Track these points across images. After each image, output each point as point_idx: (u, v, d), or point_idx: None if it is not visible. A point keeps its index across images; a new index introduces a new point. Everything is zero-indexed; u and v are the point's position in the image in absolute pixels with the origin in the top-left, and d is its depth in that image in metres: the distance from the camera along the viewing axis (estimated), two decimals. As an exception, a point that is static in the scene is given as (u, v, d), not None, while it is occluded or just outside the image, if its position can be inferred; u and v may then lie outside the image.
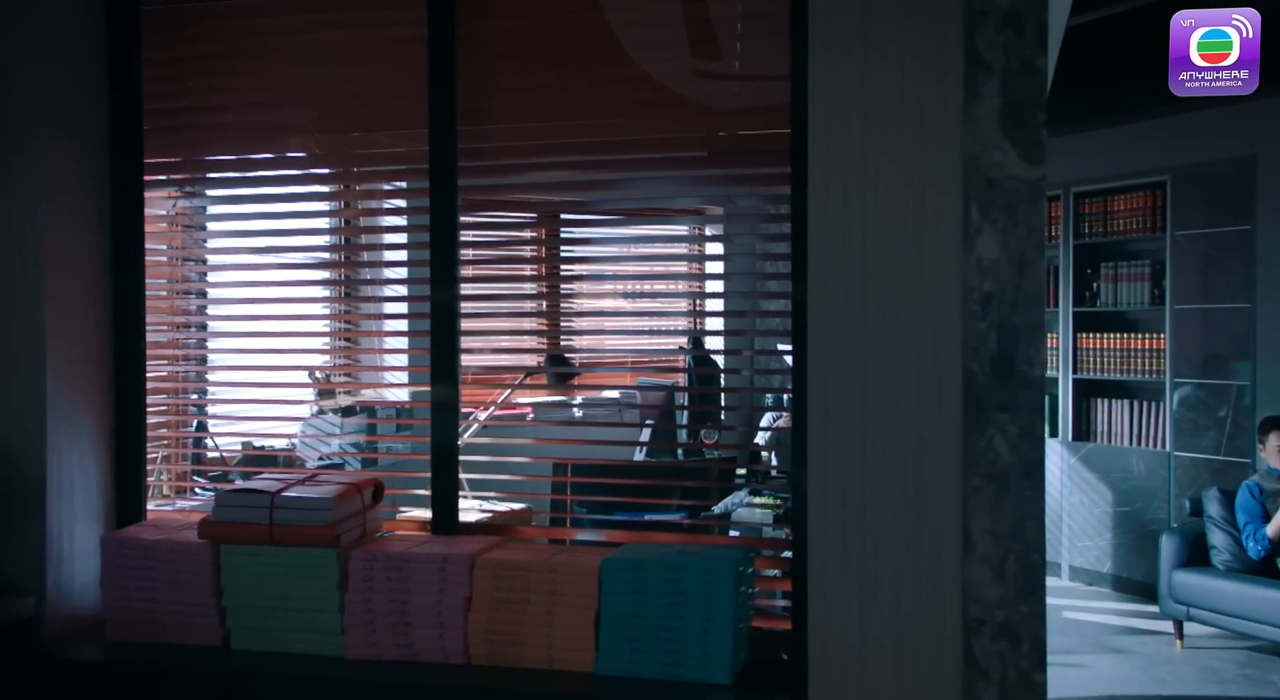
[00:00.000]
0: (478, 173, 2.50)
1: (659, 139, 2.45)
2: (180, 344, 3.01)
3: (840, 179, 2.07)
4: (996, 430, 2.01)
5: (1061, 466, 6.26)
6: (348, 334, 4.43)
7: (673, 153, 2.46)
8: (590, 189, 2.53)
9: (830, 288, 2.08)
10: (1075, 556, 6.19)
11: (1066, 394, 6.25)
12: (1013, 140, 2.00)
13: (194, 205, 2.93)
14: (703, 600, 2.14)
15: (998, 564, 2.01)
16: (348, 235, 2.92)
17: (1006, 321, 2.00)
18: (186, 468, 3.26)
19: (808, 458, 2.09)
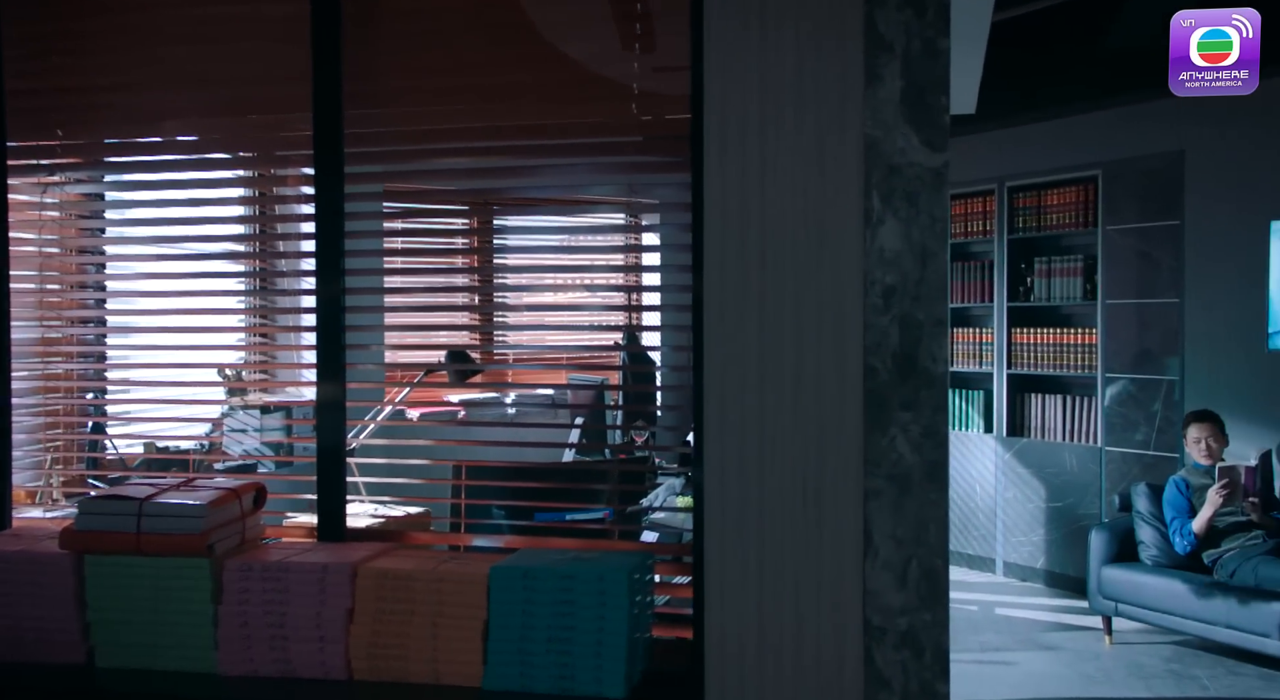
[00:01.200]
0: (366, 159, 2.35)
1: (560, 125, 2.33)
2: (75, 340, 2.84)
3: (737, 165, 1.97)
4: (899, 429, 1.92)
5: (996, 462, 6.25)
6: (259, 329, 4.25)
7: (575, 139, 2.34)
8: (489, 177, 2.40)
9: (726, 280, 1.98)
10: (1009, 552, 6.19)
11: (1001, 389, 6.24)
12: (915, 125, 1.91)
13: (66, 192, 2.75)
14: (596, 610, 2.02)
15: (900, 570, 1.92)
16: (239, 225, 2.76)
17: (909, 316, 1.92)
18: (82, 472, 3.08)
19: (704, 458, 2.00)
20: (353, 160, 2.33)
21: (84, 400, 3.03)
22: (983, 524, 6.32)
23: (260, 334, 3.92)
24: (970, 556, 6.40)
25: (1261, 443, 4.99)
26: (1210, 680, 4.38)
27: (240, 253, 3.14)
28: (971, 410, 6.47)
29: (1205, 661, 4.60)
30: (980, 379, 6.44)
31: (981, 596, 5.80)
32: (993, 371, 6.28)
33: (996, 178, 6.25)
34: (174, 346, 2.74)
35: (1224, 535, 4.67)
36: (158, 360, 2.81)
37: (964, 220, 6.50)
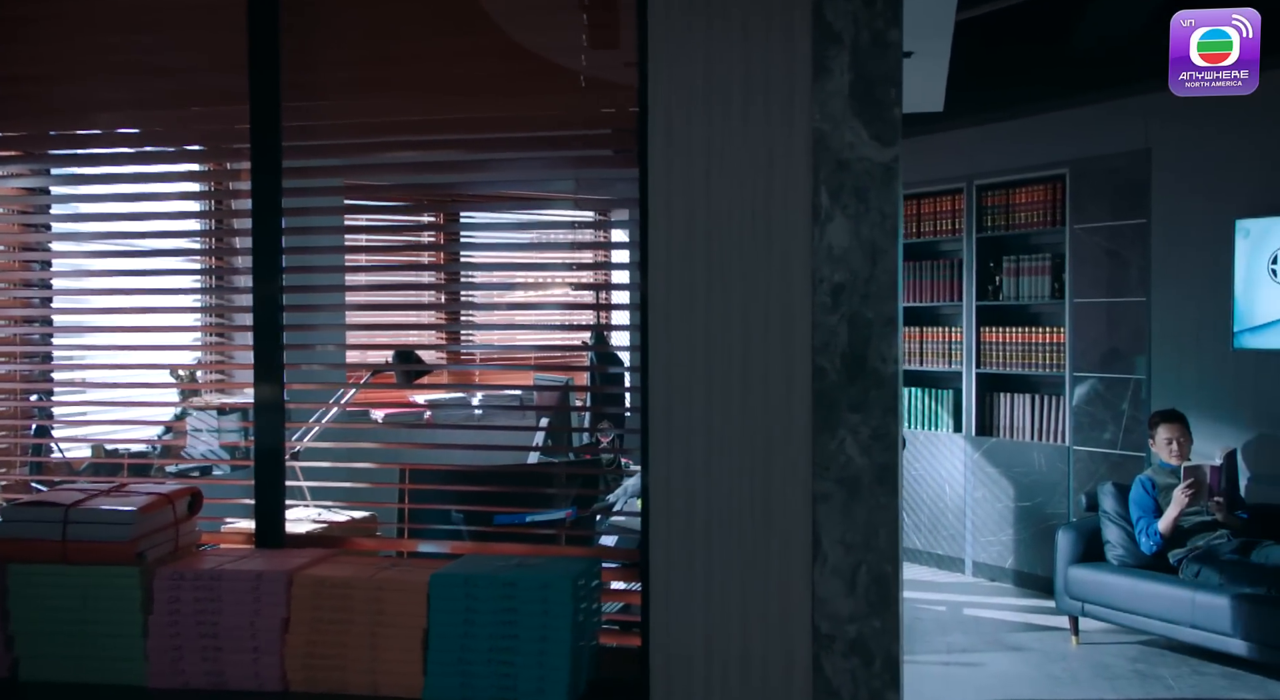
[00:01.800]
0: (307, 153, 2.28)
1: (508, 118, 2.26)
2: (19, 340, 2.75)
3: (683, 160, 1.91)
4: (848, 431, 1.87)
5: (965, 461, 6.23)
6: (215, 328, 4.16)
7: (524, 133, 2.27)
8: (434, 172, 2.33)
9: (672, 277, 1.92)
10: (978, 552, 6.17)
11: (970, 389, 6.22)
12: (864, 119, 1.86)
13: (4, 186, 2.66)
14: (538, 618, 1.96)
15: (849, 576, 1.87)
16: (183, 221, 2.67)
17: (858, 314, 1.87)
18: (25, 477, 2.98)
19: (649, 461, 1.94)
20: (292, 154, 2.25)
21: (28, 403, 2.94)
22: (952, 524, 6.30)
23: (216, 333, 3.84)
24: (939, 556, 6.38)
25: (1227, 442, 4.98)
26: (1175, 680, 4.37)
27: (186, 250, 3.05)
28: (941, 410, 6.45)
29: (1170, 661, 4.59)
30: (949, 378, 6.42)
31: (950, 597, 5.78)
32: (962, 371, 6.26)
33: (965, 176, 6.22)
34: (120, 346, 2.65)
35: (1189, 535, 4.66)
36: (104, 360, 2.73)
37: (933, 219, 6.47)
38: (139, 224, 2.47)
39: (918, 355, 6.59)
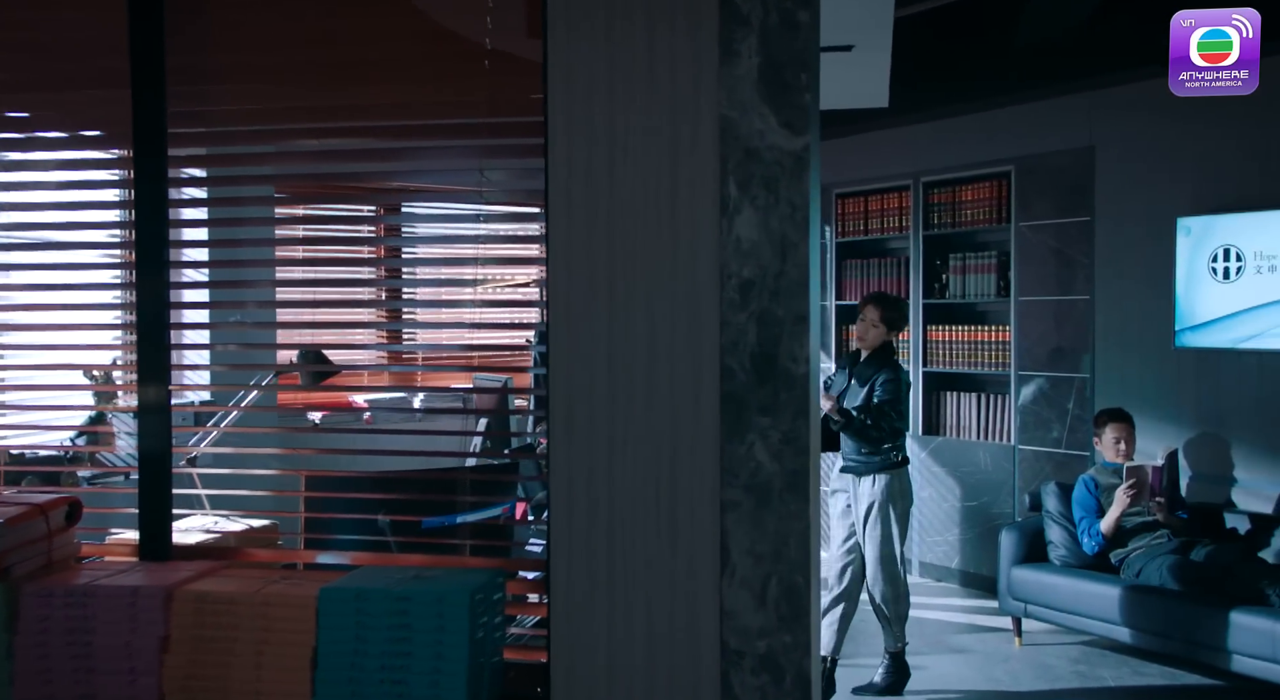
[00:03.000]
0: (193, 141, 2.14)
1: (408, 105, 2.14)
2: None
3: (584, 148, 1.80)
4: (757, 436, 1.77)
5: (912, 461, 6.17)
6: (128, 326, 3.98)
7: (423, 120, 2.15)
8: (329, 161, 2.21)
9: (573, 272, 1.81)
10: (925, 552, 6.12)
11: (917, 387, 6.17)
12: (773, 106, 1.76)
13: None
14: (434, 635, 1.85)
15: (759, 588, 1.78)
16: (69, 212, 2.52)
17: (768, 312, 1.77)
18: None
19: (551, 466, 1.83)
20: (179, 142, 2.12)
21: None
22: (899, 523, 6.25)
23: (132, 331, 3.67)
24: (887, 556, 6.32)
25: (1168, 441, 4.96)
26: (1115, 681, 4.33)
27: (85, 243, 2.89)
28: (888, 408, 6.39)
29: (1111, 662, 4.56)
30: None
31: (896, 597, 5.71)
32: (909, 369, 6.21)
33: (912, 173, 6.18)
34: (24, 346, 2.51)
35: (1131, 535, 4.63)
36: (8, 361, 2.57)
37: (880, 216, 6.42)
38: (31, 215, 2.33)
39: (865, 354, 6.52)
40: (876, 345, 4.49)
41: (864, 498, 4.38)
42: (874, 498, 4.35)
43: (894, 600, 4.36)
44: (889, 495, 4.35)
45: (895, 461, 4.39)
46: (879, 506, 4.35)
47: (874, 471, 4.36)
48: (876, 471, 4.36)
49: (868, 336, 4.50)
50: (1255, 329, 4.63)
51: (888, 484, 4.35)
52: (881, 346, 4.50)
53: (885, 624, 4.38)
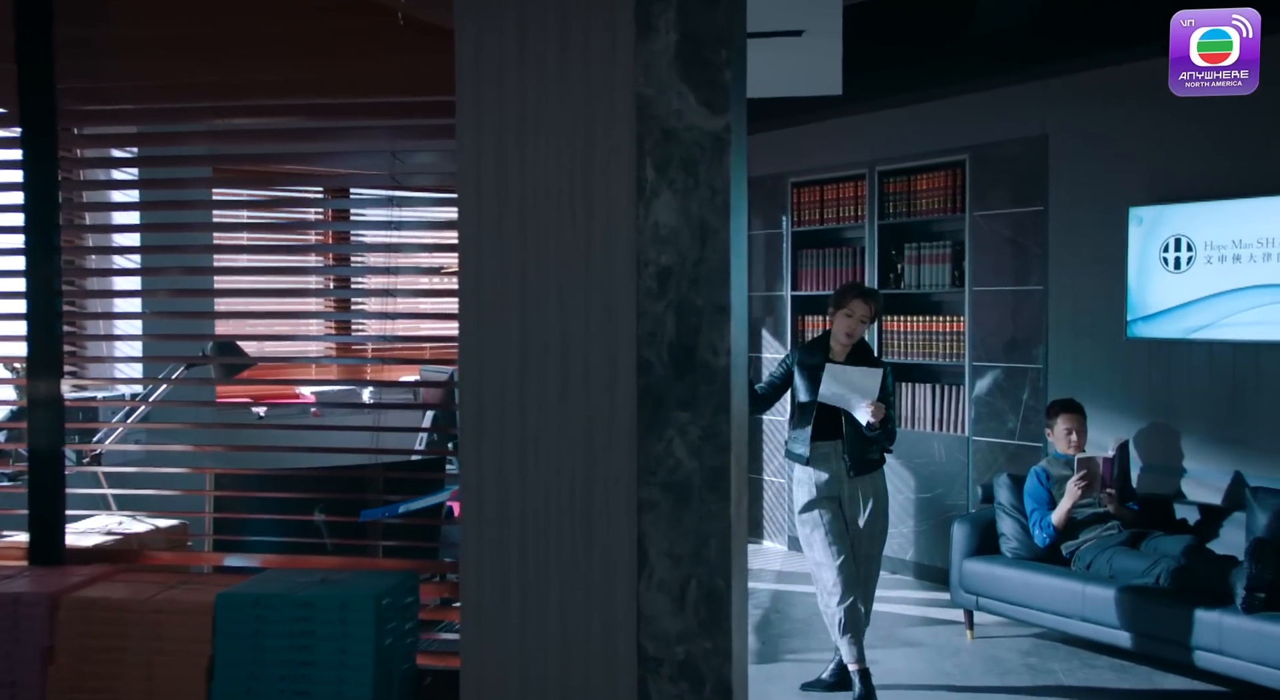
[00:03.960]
0: (85, 118, 2.02)
1: (316, 82, 2.03)
2: None
3: (494, 128, 1.70)
4: (676, 432, 1.68)
5: (867, 452, 6.14)
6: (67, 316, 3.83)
7: (332, 99, 2.04)
8: (230, 142, 2.09)
9: (483, 260, 1.72)
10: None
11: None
12: (692, 83, 1.67)
13: None
14: (337, 642, 1.76)
15: (677, 591, 1.69)
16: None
17: (687, 301, 1.68)
18: None
19: (461, 464, 1.74)
20: (69, 119, 1.99)
21: None
22: (854, 515, 6.21)
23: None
24: (842, 548, 6.28)
25: (1120, 432, 4.95)
26: (1065, 674, 4.31)
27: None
28: (843, 400, 6.34)
29: (1062, 654, 4.54)
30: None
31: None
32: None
33: (868, 162, 6.12)
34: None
35: (1082, 527, 4.61)
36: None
37: (836, 205, 6.36)
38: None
39: (821, 344, 6.47)
40: (856, 342, 4.25)
41: (866, 497, 4.18)
42: (878, 497, 4.20)
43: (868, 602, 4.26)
44: (884, 491, 4.27)
45: (886, 453, 4.29)
46: (884, 506, 4.24)
47: (874, 470, 4.21)
48: (876, 470, 4.22)
49: (856, 334, 4.21)
50: (1206, 319, 4.61)
51: (886, 481, 4.27)
52: (861, 343, 4.29)
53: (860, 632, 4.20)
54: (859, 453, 4.11)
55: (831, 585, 4.09)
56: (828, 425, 4.14)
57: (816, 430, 4.14)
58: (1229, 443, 4.69)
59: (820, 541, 4.13)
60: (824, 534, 4.12)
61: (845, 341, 4.19)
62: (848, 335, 4.17)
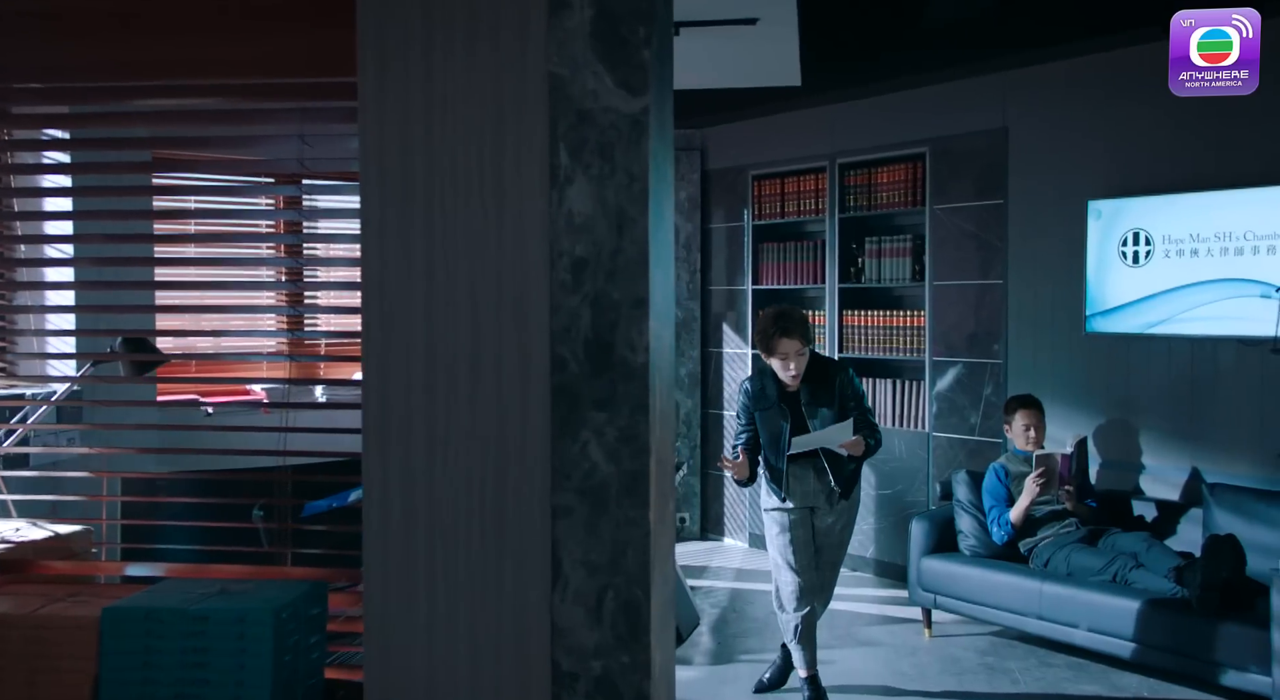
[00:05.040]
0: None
1: (218, 61, 1.90)
2: None
3: (398, 109, 1.60)
4: (592, 433, 1.59)
5: (827, 448, 6.07)
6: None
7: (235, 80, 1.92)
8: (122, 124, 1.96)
9: (387, 250, 1.61)
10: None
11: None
12: (608, 63, 1.57)
13: None
14: (234, 657, 1.65)
15: (593, 603, 1.60)
16: None
17: (603, 295, 1.58)
18: None
19: (365, 468, 1.63)
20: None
21: None
22: (814, 512, 6.14)
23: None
24: (802, 545, 6.22)
25: (1078, 429, 4.90)
26: (1022, 673, 4.26)
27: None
28: (804, 395, 6.27)
29: (1019, 653, 4.49)
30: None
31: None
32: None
33: (828, 154, 6.04)
34: None
35: (1040, 524, 4.56)
36: None
37: (797, 199, 6.28)
38: None
39: (782, 339, 6.40)
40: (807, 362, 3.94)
41: (840, 513, 4.00)
42: (850, 512, 4.05)
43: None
44: (859, 501, 4.11)
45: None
46: (854, 516, 4.09)
47: (851, 486, 4.00)
48: (851, 486, 4.00)
49: (799, 366, 3.87)
50: (1164, 314, 4.57)
51: (859, 489, 4.09)
52: (813, 359, 3.96)
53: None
54: (839, 474, 3.92)
55: (790, 591, 3.95)
56: (803, 456, 3.93)
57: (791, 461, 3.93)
58: (1187, 439, 4.65)
59: (784, 546, 3.96)
60: (789, 539, 3.94)
61: (793, 381, 3.91)
62: (794, 378, 3.89)
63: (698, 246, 6.76)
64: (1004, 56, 5.08)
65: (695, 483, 6.80)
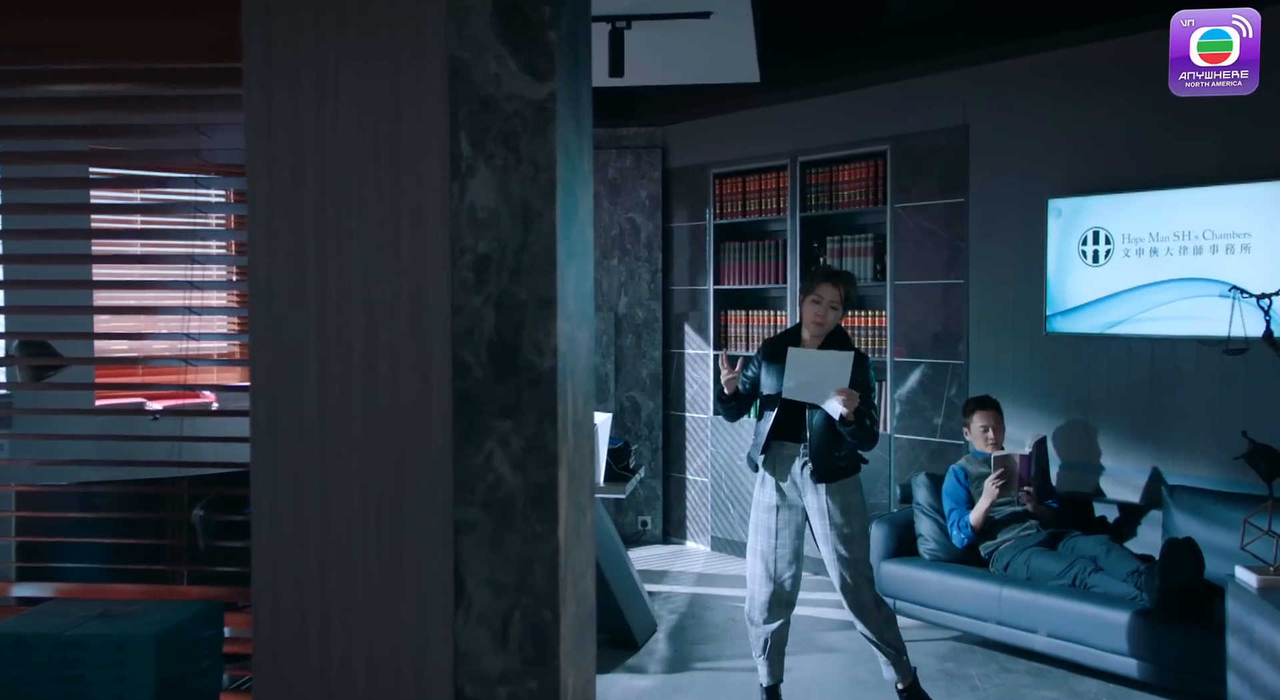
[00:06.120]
0: None
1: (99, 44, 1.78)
2: None
3: (286, 94, 1.48)
4: (496, 443, 1.48)
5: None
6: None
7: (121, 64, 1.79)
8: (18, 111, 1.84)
9: (276, 247, 1.49)
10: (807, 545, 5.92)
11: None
12: (512, 46, 1.46)
13: None
14: (111, 687, 1.53)
15: (499, 625, 1.49)
16: None
17: (509, 294, 1.47)
18: None
19: (252, 481, 1.51)
20: None
21: None
22: (776, 515, 6.06)
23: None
24: (765, 549, 6.13)
25: (1039, 429, 4.84)
26: (981, 679, 4.18)
27: None
28: (766, 396, 6.19)
29: (979, 658, 4.42)
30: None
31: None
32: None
33: (789, 152, 5.96)
34: None
35: (1000, 526, 4.50)
36: None
37: (759, 197, 6.20)
38: None
39: (744, 340, 6.32)
40: (831, 330, 3.78)
41: (834, 510, 3.70)
42: (848, 508, 3.73)
43: (887, 624, 3.79)
44: (861, 503, 3.79)
45: (861, 463, 3.80)
46: (856, 517, 3.74)
47: (845, 477, 3.73)
48: (846, 476, 3.74)
49: (827, 320, 3.73)
50: (1124, 314, 4.51)
51: (857, 490, 3.78)
52: (837, 331, 3.80)
53: (889, 656, 3.81)
54: (825, 454, 3.67)
55: (762, 601, 3.79)
56: (790, 423, 3.71)
57: (776, 427, 3.71)
58: (1147, 439, 4.60)
59: (763, 554, 3.79)
60: (771, 547, 3.77)
61: (815, 330, 3.75)
62: (817, 323, 3.74)
63: (659, 246, 6.66)
64: (964, 53, 5.01)
65: (657, 486, 6.70)
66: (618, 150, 6.65)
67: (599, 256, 6.67)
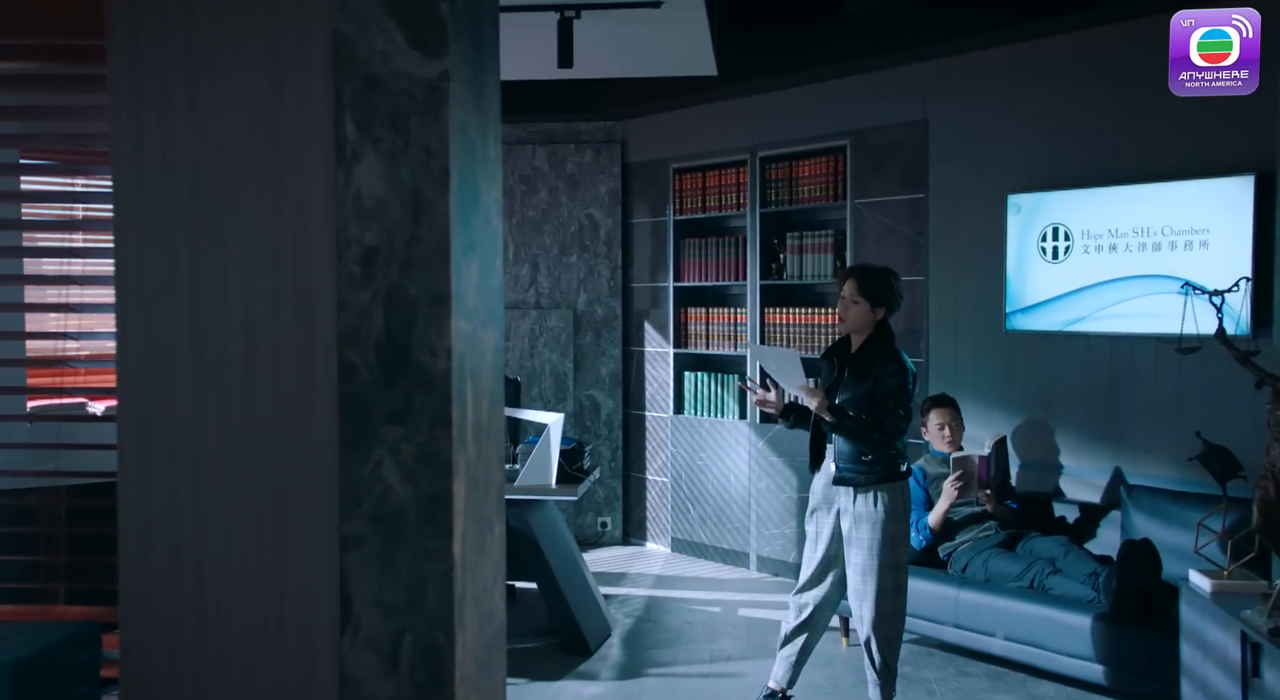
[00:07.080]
0: None
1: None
2: None
3: (156, 74, 1.36)
4: (385, 451, 1.37)
5: (749, 450, 5.91)
6: None
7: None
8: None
9: (145, 242, 1.38)
10: (762, 545, 5.86)
11: (756, 373, 5.88)
12: (401, 20, 1.35)
13: None
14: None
15: (388, 648, 1.37)
16: None
17: (399, 290, 1.36)
18: None
19: (119, 497, 1.39)
20: None
21: None
22: (737, 516, 5.97)
23: None
24: (725, 551, 6.04)
25: (998, 428, 4.78)
26: (938, 683, 4.11)
27: None
28: (726, 395, 6.10)
29: (937, 662, 4.34)
30: (735, 362, 6.08)
31: (729, 596, 5.44)
32: (746, 354, 5.92)
33: (749, 147, 5.86)
34: None
35: (959, 527, 4.43)
36: None
37: (719, 193, 6.10)
38: None
39: (704, 338, 6.22)
40: (862, 327, 3.67)
41: (863, 518, 3.55)
42: (877, 518, 3.53)
43: (891, 641, 3.60)
44: (895, 514, 3.56)
45: (901, 472, 3.59)
46: (884, 528, 3.53)
47: (875, 484, 3.54)
48: (878, 484, 3.54)
49: (848, 316, 3.66)
50: (1083, 311, 4.45)
51: (891, 500, 3.55)
52: (877, 331, 3.68)
53: (879, 675, 3.61)
54: (844, 457, 3.59)
55: (794, 607, 3.86)
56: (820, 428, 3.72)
57: (815, 431, 3.75)
58: (1106, 439, 4.54)
59: (805, 559, 3.85)
60: (809, 549, 3.82)
61: (841, 327, 3.74)
62: (840, 318, 3.73)
63: (619, 242, 6.55)
64: (924, 45, 4.93)
65: (617, 486, 6.60)
66: (576, 145, 6.53)
67: (557, 253, 6.55)
